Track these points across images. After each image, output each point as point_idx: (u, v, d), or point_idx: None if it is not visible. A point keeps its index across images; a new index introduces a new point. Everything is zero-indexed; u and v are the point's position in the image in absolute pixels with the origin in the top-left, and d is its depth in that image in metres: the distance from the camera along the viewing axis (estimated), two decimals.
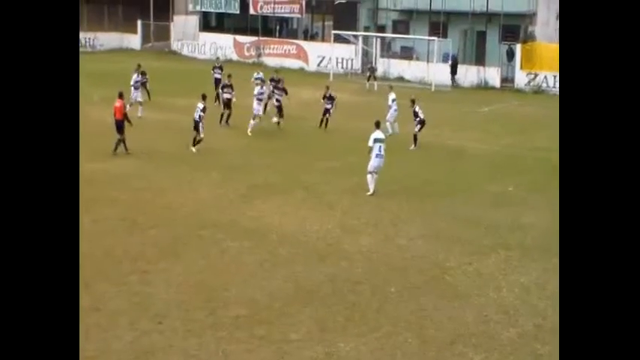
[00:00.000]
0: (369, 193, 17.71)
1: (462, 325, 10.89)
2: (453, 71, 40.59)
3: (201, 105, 21.69)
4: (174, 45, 50.80)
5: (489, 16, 41.96)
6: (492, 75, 40.53)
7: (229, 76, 26.99)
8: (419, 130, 23.78)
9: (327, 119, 26.21)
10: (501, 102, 35.47)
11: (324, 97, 26.46)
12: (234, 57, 47.51)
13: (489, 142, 25.96)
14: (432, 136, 25.69)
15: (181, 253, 13.52)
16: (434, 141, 24.99)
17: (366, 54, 44.53)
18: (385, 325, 10.74)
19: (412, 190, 18.73)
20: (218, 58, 38.08)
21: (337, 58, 43.86)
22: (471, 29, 43.33)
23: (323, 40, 49.06)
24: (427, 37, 42.03)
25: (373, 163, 17.81)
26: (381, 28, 46.40)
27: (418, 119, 23.76)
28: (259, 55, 47.06)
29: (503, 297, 12.01)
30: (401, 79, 41.09)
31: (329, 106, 26.23)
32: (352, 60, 44.28)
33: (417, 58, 43.21)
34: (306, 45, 47.28)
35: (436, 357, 9.87)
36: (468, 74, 40.86)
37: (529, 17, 42.62)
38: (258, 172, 19.76)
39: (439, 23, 42.93)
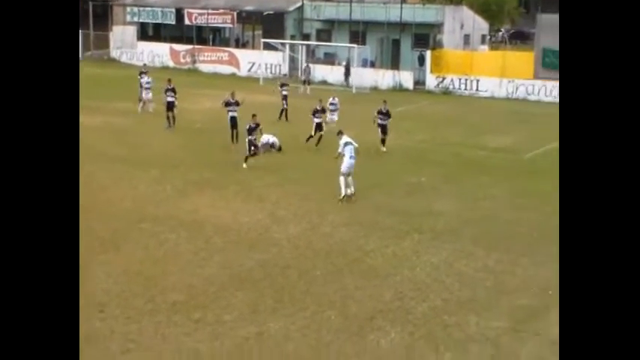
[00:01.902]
0: (340, 197, 16.52)
1: (380, 301, 11.00)
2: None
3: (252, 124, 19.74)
4: (114, 53, 49.59)
5: (403, 26, 42.73)
6: (406, 78, 41.18)
7: (169, 80, 26.48)
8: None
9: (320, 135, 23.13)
10: (414, 102, 36.02)
11: (315, 112, 23.45)
12: (171, 64, 46.75)
13: (404, 138, 26.29)
14: (353, 134, 25.82)
15: (122, 245, 13.21)
16: (355, 139, 25.12)
17: (292, 60, 44.57)
18: (311, 305, 10.75)
19: (336, 183, 18.78)
20: (145, 64, 37.34)
21: (266, 64, 43.73)
22: (387, 37, 43.91)
23: (253, 47, 48.72)
24: (348, 45, 42.44)
25: (346, 164, 16.72)
26: (306, 37, 46.53)
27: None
28: (194, 62, 46.48)
29: (416, 275, 12.20)
30: (324, 82, 41.30)
31: (319, 120, 23.38)
32: (280, 66, 44.22)
33: (339, 64, 43.48)
34: (238, 52, 46.96)
35: (357, 332, 9.94)
36: (385, 77, 41.38)
37: (437, 27, 43.63)
38: (194, 169, 19.49)
39: (358, 32, 43.45)
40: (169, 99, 25.58)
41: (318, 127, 23.40)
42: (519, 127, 30.28)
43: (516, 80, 39.20)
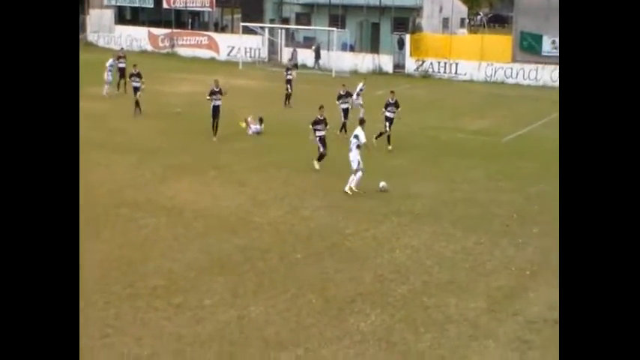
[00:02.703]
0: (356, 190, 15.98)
1: (360, 284, 11.02)
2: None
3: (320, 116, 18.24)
4: (91, 37, 48.88)
5: (382, 9, 42.57)
6: (386, 61, 41.14)
7: (135, 65, 26.06)
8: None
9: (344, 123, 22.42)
10: (394, 85, 35.86)
11: (340, 97, 22.68)
12: (149, 48, 46.23)
13: (383, 122, 26.27)
14: (333, 118, 25.76)
15: (101, 230, 13.09)
16: (334, 123, 25.08)
17: (272, 44, 44.26)
18: (292, 289, 10.74)
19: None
20: (122, 48, 36.90)
21: (246, 48, 43.40)
22: (366, 21, 43.74)
23: (232, 31, 48.38)
24: (327, 28, 42.21)
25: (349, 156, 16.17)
26: (285, 20, 46.21)
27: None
28: (173, 46, 45.97)
29: (396, 258, 12.23)
30: (304, 66, 41.08)
31: (346, 106, 22.53)
32: (259, 49, 43.92)
33: (311, 47, 43.30)
34: (217, 36, 46.55)
35: (337, 315, 9.95)
36: (365, 61, 41.29)
37: (416, 10, 43.53)
38: (173, 155, 19.33)
39: (338, 16, 43.19)
40: (134, 84, 25.24)
41: (345, 113, 22.49)
42: (497, 110, 30.41)
43: (495, 63, 39.32)
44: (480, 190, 16.95)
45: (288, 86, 28.58)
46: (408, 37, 41.40)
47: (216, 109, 21.52)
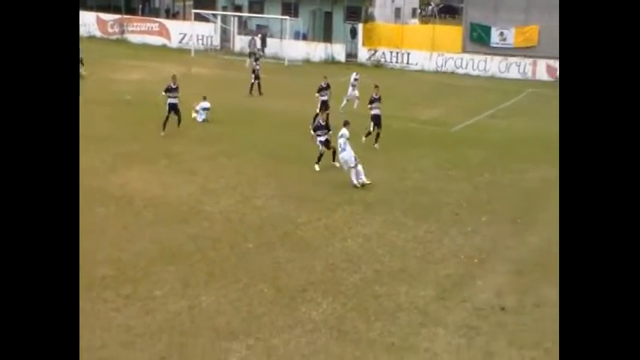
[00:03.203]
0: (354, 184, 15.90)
1: (312, 273, 11.01)
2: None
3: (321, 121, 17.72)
4: None
5: None
6: (338, 51, 41.15)
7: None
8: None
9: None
10: (347, 75, 35.97)
11: (320, 89, 22.57)
12: (98, 34, 45.12)
13: (336, 111, 26.29)
14: (286, 106, 25.73)
15: None
16: (287, 110, 25.03)
17: (224, 32, 43.77)
18: (243, 278, 10.67)
19: (268, 155, 18.66)
20: None
21: (198, 36, 42.80)
22: (319, 10, 43.59)
23: (184, 18, 47.59)
24: (280, 17, 41.95)
25: (340, 158, 16.30)
26: (238, 8, 45.67)
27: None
28: (122, 32, 44.98)
29: (347, 247, 12.26)
30: (252, 54, 40.76)
31: (325, 98, 22.40)
32: (212, 37, 43.38)
33: (272, 36, 42.99)
34: (168, 23, 45.73)
35: (289, 304, 9.93)
36: (317, 50, 41.22)
37: (369, 0, 43.57)
38: (123, 143, 18.95)
39: (290, 4, 42.96)
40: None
41: (324, 105, 22.11)
42: (448, 99, 30.76)
43: (445, 54, 39.73)
44: (431, 179, 17.12)
45: (254, 75, 28.39)
46: (360, 27, 41.48)
47: (174, 107, 20.11)
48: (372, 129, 20.08)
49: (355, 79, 25.45)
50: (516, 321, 9.72)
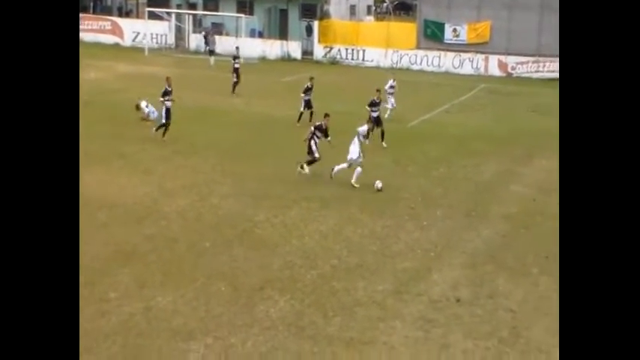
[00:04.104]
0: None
1: (269, 271, 10.98)
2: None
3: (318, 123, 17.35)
4: None
5: None
6: (294, 48, 41.13)
7: None
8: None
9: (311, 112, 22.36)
10: (303, 72, 35.93)
11: (307, 90, 22.72)
12: None
13: (293, 108, 26.26)
14: (243, 104, 25.60)
15: None
16: (244, 109, 24.92)
17: (179, 30, 43.30)
18: (200, 278, 10.57)
19: (225, 154, 18.54)
20: None
21: (152, 34, 42.23)
22: (275, 7, 43.47)
23: (137, 16, 46.88)
24: (235, 15, 41.68)
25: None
26: (193, 6, 45.22)
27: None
28: None
29: (305, 244, 12.26)
30: (212, 52, 40.41)
31: (308, 98, 22.61)
32: (166, 35, 42.86)
33: (227, 34, 42.72)
34: (121, 21, 45.00)
35: (246, 302, 9.88)
36: (273, 48, 41.12)
37: None
38: None
39: (245, 2, 42.75)
40: None
41: (307, 104, 22.48)
42: (403, 96, 30.94)
43: (400, 50, 40.04)
44: (387, 175, 17.22)
45: (235, 74, 28.27)
46: (316, 24, 41.49)
47: (169, 112, 19.25)
48: (371, 130, 19.30)
49: (391, 87, 24.73)
50: (471, 312, 9.86)
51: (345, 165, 16.16)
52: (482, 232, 13.32)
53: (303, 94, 23.08)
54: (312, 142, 16.88)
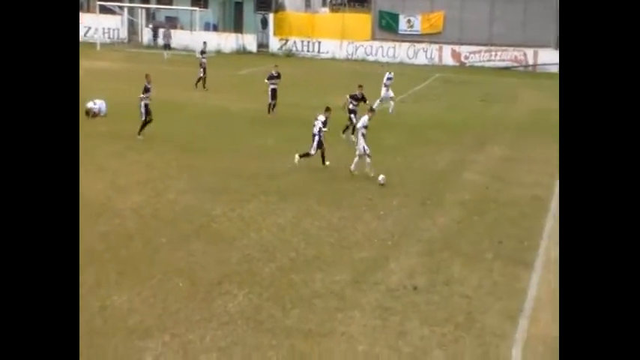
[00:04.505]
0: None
1: (227, 265, 10.90)
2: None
3: (322, 117, 16.86)
4: None
5: None
6: (250, 41, 40.91)
7: None
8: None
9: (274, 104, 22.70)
10: (258, 65, 35.81)
11: (271, 77, 22.84)
12: None
13: (249, 101, 26.15)
14: (200, 97, 25.34)
15: None
16: (200, 103, 24.66)
17: (132, 24, 42.59)
18: (157, 274, 10.43)
19: (181, 148, 18.33)
20: None
21: (104, 29, 41.46)
22: (229, 0, 43.13)
23: (88, 10, 45.95)
24: (189, 8, 41.23)
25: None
26: (146, 0, 44.55)
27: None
28: None
29: (263, 237, 12.21)
30: (167, 46, 39.90)
31: (274, 86, 22.78)
32: (118, 30, 42.12)
33: (182, 27, 42.24)
34: None
35: (205, 297, 9.79)
36: (229, 41, 40.78)
37: None
38: None
39: None
40: None
41: (273, 93, 22.35)
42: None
43: (355, 42, 40.15)
44: (345, 166, 17.25)
45: (202, 70, 28.09)
46: (271, 17, 41.30)
47: (148, 108, 19.09)
48: (352, 122, 19.63)
49: (388, 79, 24.55)
50: (428, 299, 9.96)
51: (356, 159, 16.19)
52: (437, 220, 13.46)
53: (267, 81, 23.03)
54: (319, 136, 16.70)
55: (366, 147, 16.17)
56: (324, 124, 16.67)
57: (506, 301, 9.99)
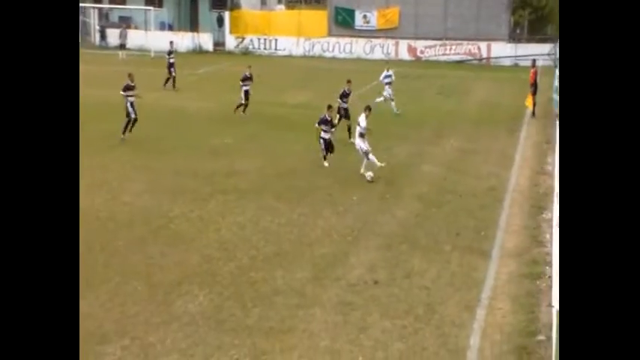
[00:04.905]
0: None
1: (187, 266, 10.79)
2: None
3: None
4: None
5: None
6: (205, 40, 40.57)
7: None
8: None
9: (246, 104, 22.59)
10: (215, 64, 35.58)
11: (245, 79, 22.81)
12: None
13: (207, 100, 25.95)
14: (155, 98, 24.96)
15: None
16: (157, 103, 24.31)
17: (84, 24, 41.80)
18: (115, 278, 10.27)
19: (137, 150, 18.07)
20: None
21: None
22: None
23: None
24: (143, 7, 40.66)
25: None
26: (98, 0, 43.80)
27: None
28: None
29: (222, 236, 12.12)
30: (122, 46, 39.27)
31: (247, 88, 22.79)
32: None
33: (136, 27, 41.64)
34: None
35: (164, 299, 9.67)
36: (184, 40, 40.36)
37: None
38: None
39: None
40: None
41: (246, 95, 22.49)
42: (316, 83, 31.09)
43: (312, 38, 40.14)
44: (303, 163, 17.25)
45: (172, 70, 27.83)
46: (227, 15, 41.01)
47: (133, 107, 18.91)
48: (337, 121, 19.02)
49: (386, 77, 24.19)
50: (388, 293, 10.02)
51: (365, 160, 16.08)
52: (396, 214, 13.54)
53: (241, 82, 23.05)
54: (321, 138, 16.60)
55: (363, 146, 16.08)
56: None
57: (465, 292, 10.11)
